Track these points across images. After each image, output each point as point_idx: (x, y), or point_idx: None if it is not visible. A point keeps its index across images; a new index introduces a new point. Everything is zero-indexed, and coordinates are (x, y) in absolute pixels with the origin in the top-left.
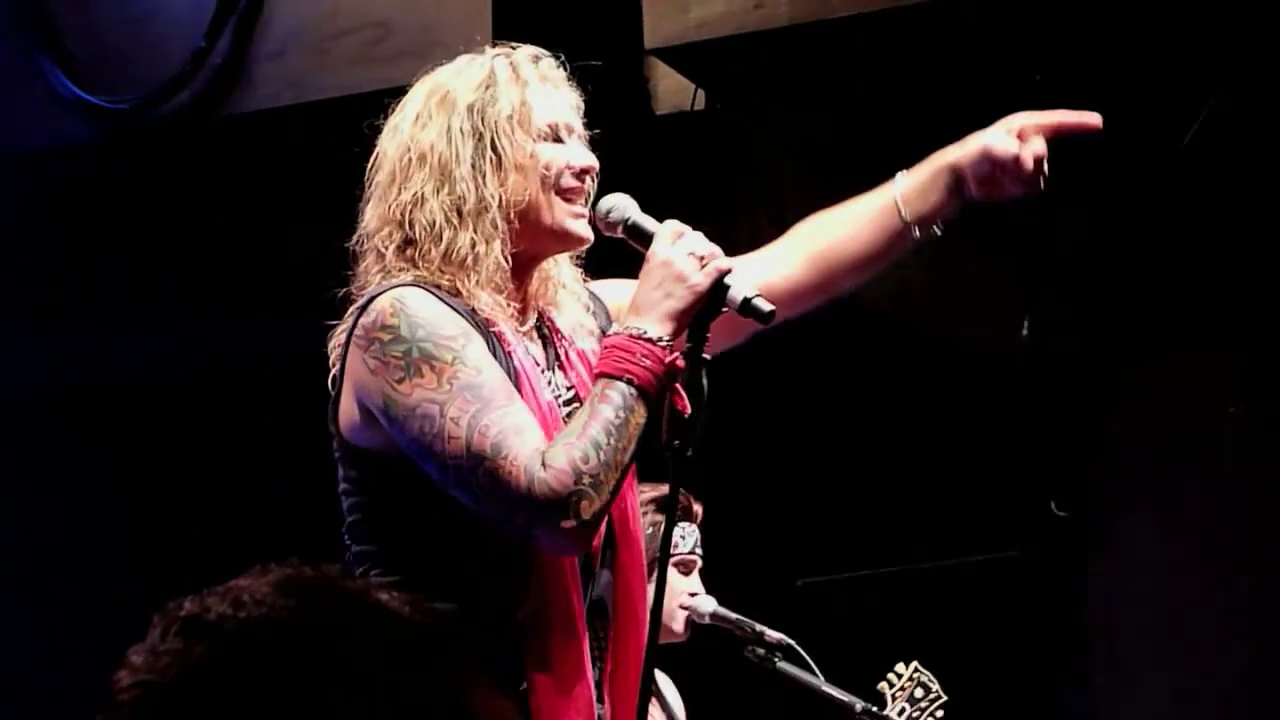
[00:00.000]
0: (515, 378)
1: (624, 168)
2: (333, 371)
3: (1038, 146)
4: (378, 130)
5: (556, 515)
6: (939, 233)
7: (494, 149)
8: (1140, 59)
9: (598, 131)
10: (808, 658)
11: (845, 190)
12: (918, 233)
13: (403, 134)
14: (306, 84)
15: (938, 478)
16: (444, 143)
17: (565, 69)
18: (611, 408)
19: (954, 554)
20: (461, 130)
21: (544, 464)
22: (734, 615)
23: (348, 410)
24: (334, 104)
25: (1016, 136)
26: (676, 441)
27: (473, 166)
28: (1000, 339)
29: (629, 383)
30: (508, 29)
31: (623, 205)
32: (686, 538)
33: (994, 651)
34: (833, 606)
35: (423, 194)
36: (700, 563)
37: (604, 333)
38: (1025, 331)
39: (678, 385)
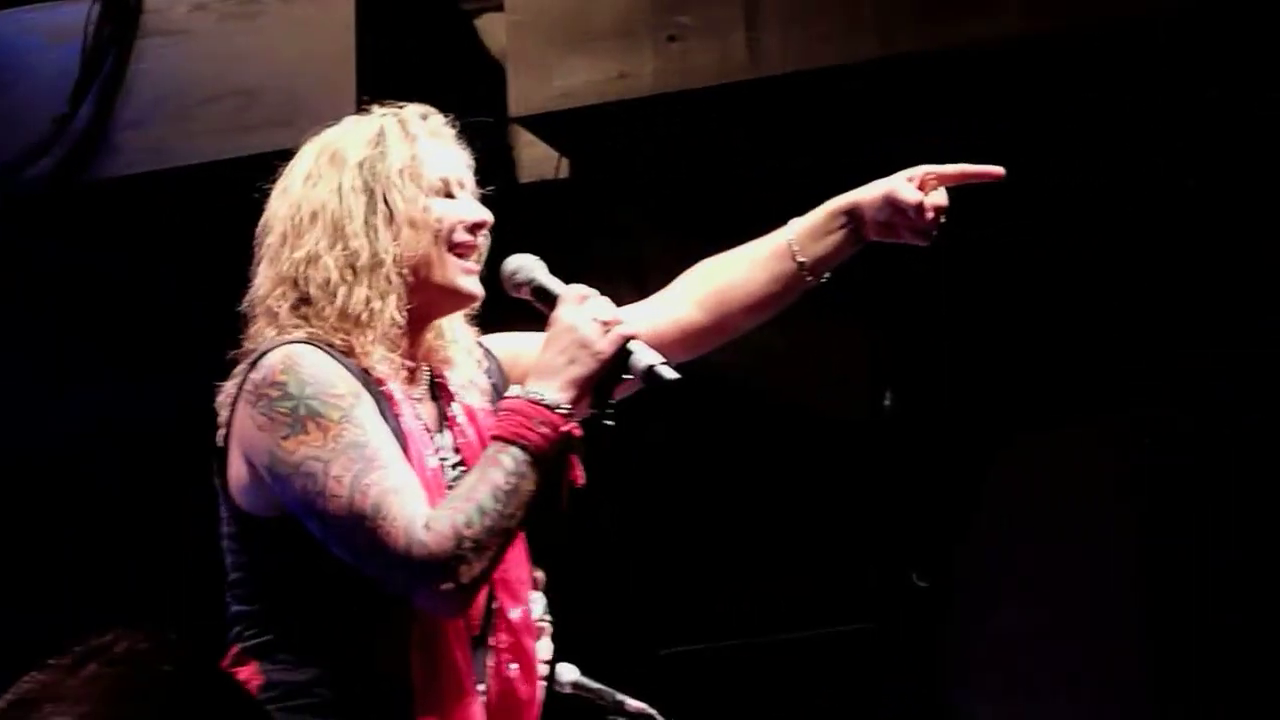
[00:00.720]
0: (402, 440)
1: (489, 234)
2: (220, 429)
3: (939, 198)
4: (265, 194)
5: (434, 578)
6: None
7: (386, 204)
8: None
9: (491, 189)
10: None
11: (708, 256)
12: (810, 276)
13: (293, 194)
14: (170, 151)
15: (801, 547)
16: (335, 200)
17: (454, 127)
18: (502, 472)
19: (814, 624)
20: (353, 187)
21: (426, 526)
22: (595, 684)
23: (235, 467)
24: (197, 171)
25: (919, 186)
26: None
27: (365, 222)
28: (864, 408)
29: (523, 448)
30: (372, 97)
31: (529, 266)
32: (534, 604)
33: None
34: (694, 676)
35: (316, 251)
36: (550, 628)
37: (496, 389)
38: (888, 402)
39: (574, 456)
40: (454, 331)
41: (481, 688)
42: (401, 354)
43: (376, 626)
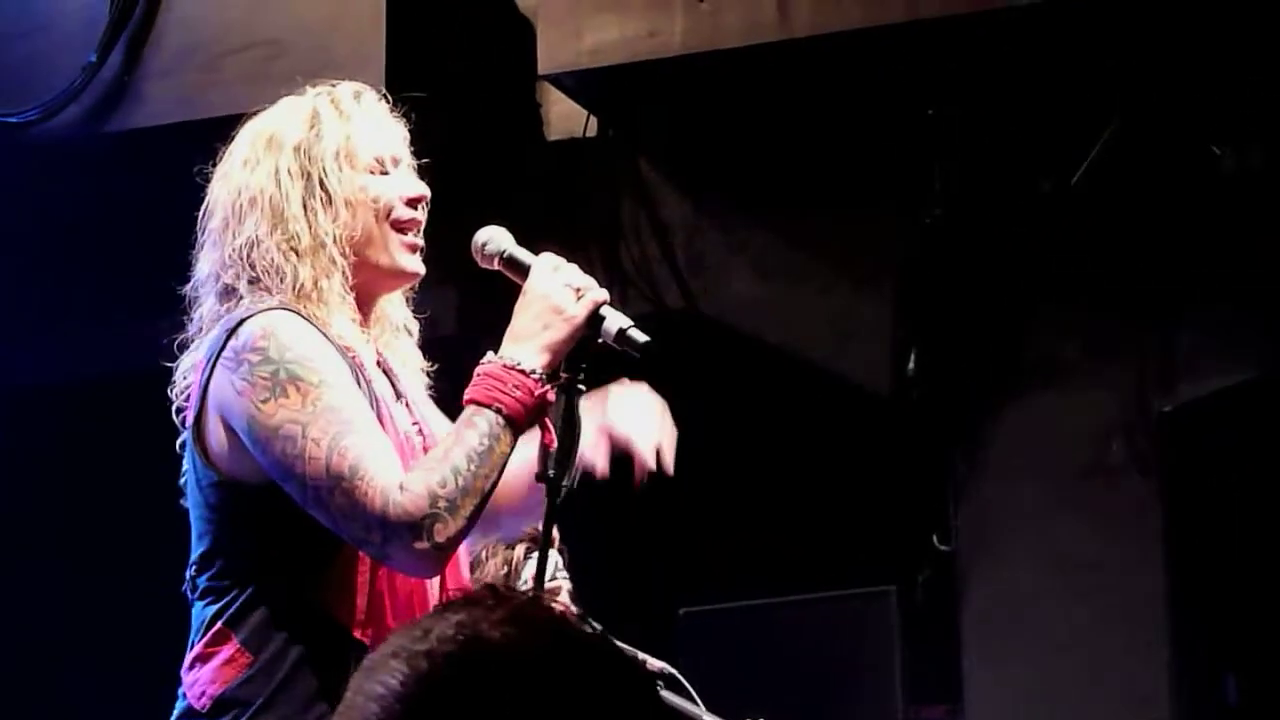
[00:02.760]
0: (375, 406)
1: (515, 192)
2: (184, 394)
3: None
4: (207, 178)
5: (409, 537)
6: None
7: (323, 186)
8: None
9: (426, 161)
10: (689, 687)
11: (733, 219)
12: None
13: (233, 179)
14: (197, 102)
15: (823, 509)
16: (273, 184)
17: (387, 102)
18: (477, 435)
19: (835, 585)
20: (289, 171)
21: (401, 487)
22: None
23: (215, 434)
24: (224, 122)
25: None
26: (550, 473)
27: (304, 205)
28: (888, 373)
29: (498, 411)
30: (401, 51)
31: (499, 238)
32: (549, 563)
33: (869, 684)
34: (715, 636)
35: (257, 236)
36: (568, 585)
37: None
38: (912, 366)
39: (546, 419)
40: (393, 313)
41: None
42: (360, 325)
43: (360, 594)
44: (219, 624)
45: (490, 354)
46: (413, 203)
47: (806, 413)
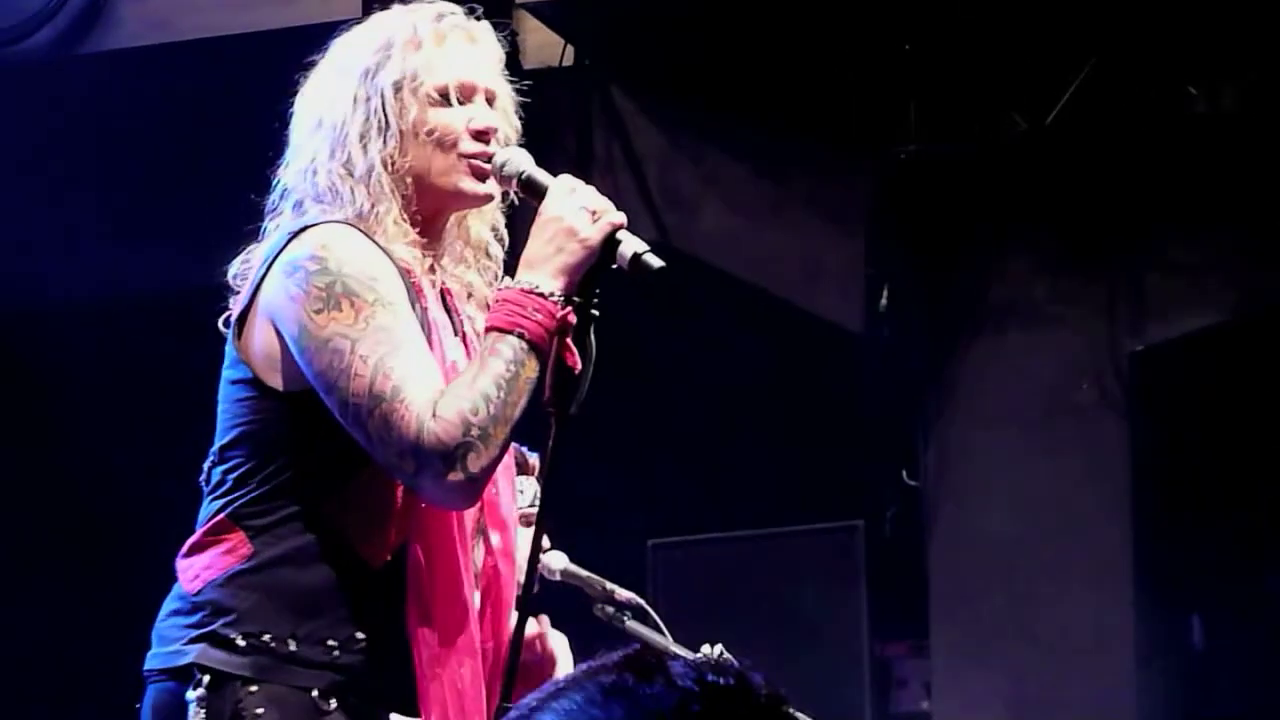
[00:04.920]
0: (427, 331)
1: None
2: (238, 297)
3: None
4: (300, 84)
5: (443, 467)
6: None
7: (384, 115)
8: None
9: (518, 82)
10: (656, 617)
11: (706, 152)
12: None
13: (306, 98)
14: (171, 25)
15: (790, 444)
16: (336, 109)
17: (476, 21)
18: (502, 361)
19: (803, 521)
20: (354, 97)
21: (434, 414)
22: (584, 573)
23: (261, 336)
24: (200, 45)
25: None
26: (559, 401)
27: (361, 134)
28: (858, 309)
29: (520, 336)
30: None
31: (517, 159)
32: (525, 491)
33: (835, 618)
34: (683, 568)
35: (318, 159)
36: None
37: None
38: (884, 303)
39: (568, 341)
40: (474, 226)
41: (474, 589)
42: (421, 249)
43: (375, 515)
44: (222, 515)
45: (507, 279)
46: (479, 135)
47: (777, 347)
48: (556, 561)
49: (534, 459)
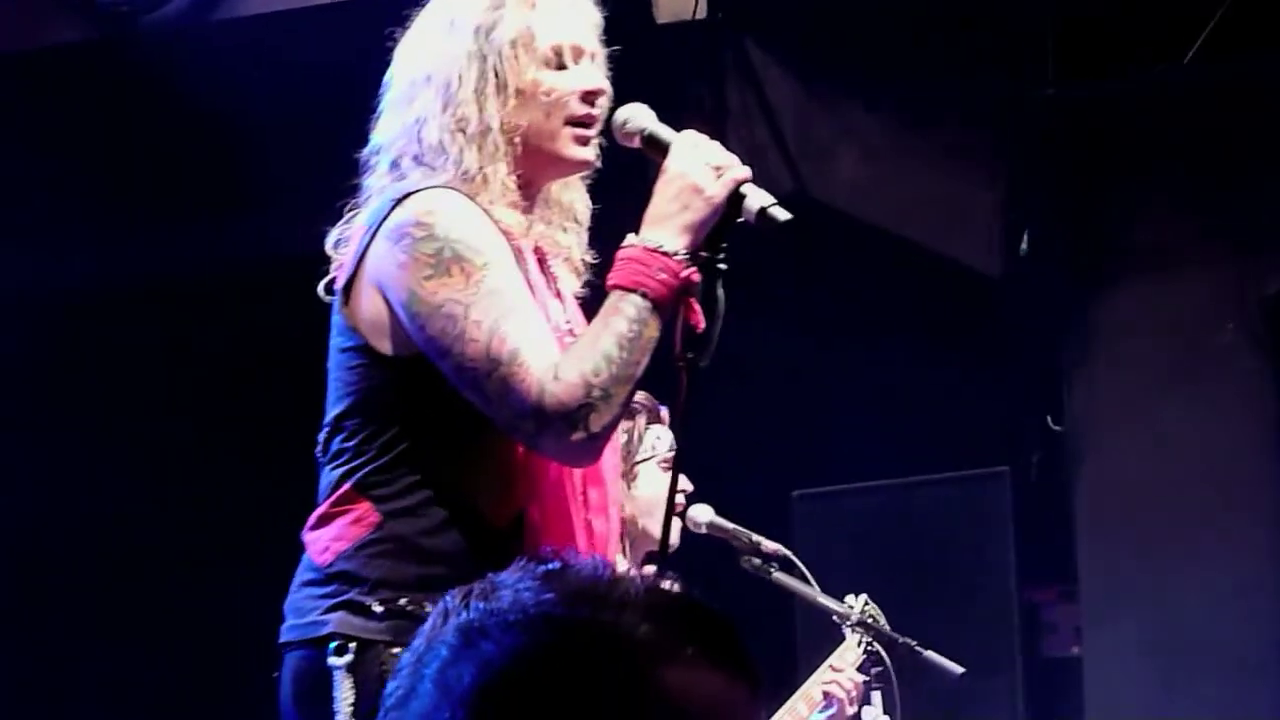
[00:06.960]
0: (530, 294)
1: (624, 76)
2: (338, 264)
3: None
4: (395, 42)
5: (565, 427)
6: None
7: (497, 73)
8: None
9: (616, 48)
10: (803, 568)
11: (841, 101)
12: None
13: (412, 54)
14: None
15: (934, 392)
16: (449, 65)
17: None
18: (625, 320)
19: (949, 468)
20: (467, 53)
21: (556, 376)
22: (730, 525)
23: (369, 303)
24: (328, 10)
25: None
26: (690, 354)
27: (476, 90)
28: (1000, 257)
29: (643, 296)
30: None
31: (639, 116)
32: (662, 438)
33: (982, 566)
34: (828, 518)
35: (427, 115)
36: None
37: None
38: (1025, 247)
39: (692, 300)
40: (566, 193)
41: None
42: (523, 212)
43: (499, 475)
44: (347, 485)
45: (631, 236)
46: (589, 98)
47: (919, 294)
48: (702, 514)
49: (664, 411)
